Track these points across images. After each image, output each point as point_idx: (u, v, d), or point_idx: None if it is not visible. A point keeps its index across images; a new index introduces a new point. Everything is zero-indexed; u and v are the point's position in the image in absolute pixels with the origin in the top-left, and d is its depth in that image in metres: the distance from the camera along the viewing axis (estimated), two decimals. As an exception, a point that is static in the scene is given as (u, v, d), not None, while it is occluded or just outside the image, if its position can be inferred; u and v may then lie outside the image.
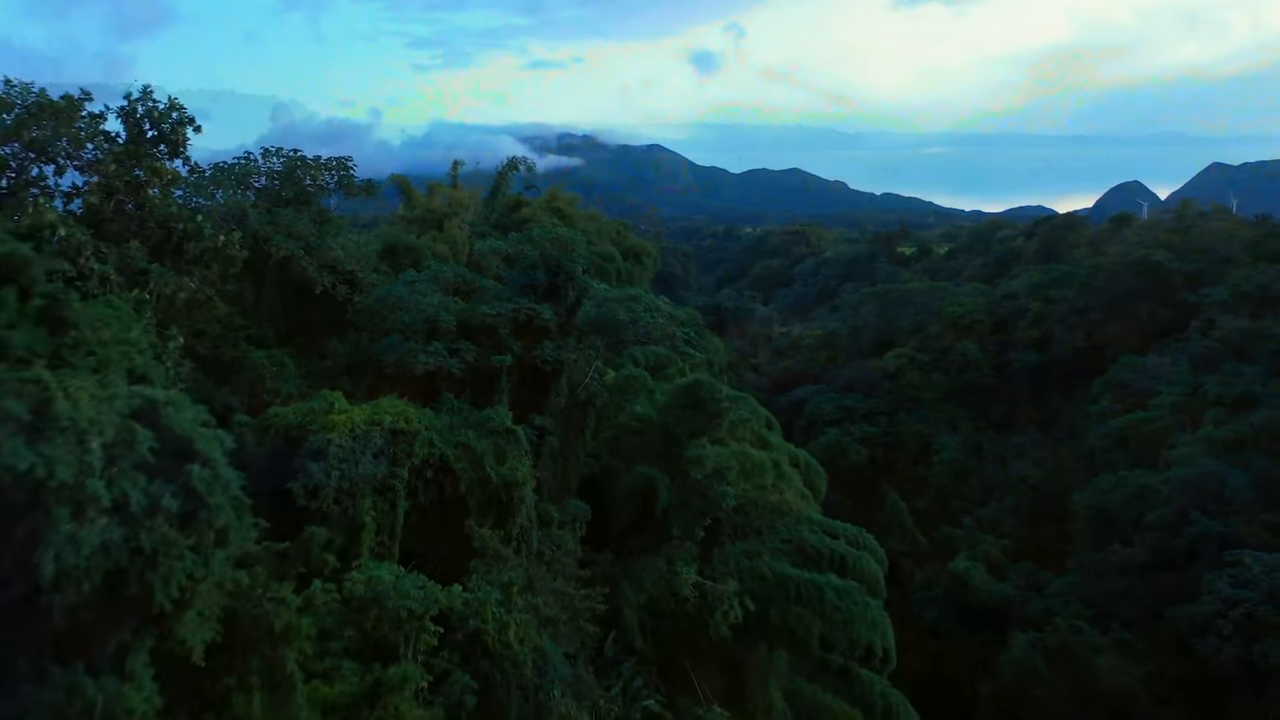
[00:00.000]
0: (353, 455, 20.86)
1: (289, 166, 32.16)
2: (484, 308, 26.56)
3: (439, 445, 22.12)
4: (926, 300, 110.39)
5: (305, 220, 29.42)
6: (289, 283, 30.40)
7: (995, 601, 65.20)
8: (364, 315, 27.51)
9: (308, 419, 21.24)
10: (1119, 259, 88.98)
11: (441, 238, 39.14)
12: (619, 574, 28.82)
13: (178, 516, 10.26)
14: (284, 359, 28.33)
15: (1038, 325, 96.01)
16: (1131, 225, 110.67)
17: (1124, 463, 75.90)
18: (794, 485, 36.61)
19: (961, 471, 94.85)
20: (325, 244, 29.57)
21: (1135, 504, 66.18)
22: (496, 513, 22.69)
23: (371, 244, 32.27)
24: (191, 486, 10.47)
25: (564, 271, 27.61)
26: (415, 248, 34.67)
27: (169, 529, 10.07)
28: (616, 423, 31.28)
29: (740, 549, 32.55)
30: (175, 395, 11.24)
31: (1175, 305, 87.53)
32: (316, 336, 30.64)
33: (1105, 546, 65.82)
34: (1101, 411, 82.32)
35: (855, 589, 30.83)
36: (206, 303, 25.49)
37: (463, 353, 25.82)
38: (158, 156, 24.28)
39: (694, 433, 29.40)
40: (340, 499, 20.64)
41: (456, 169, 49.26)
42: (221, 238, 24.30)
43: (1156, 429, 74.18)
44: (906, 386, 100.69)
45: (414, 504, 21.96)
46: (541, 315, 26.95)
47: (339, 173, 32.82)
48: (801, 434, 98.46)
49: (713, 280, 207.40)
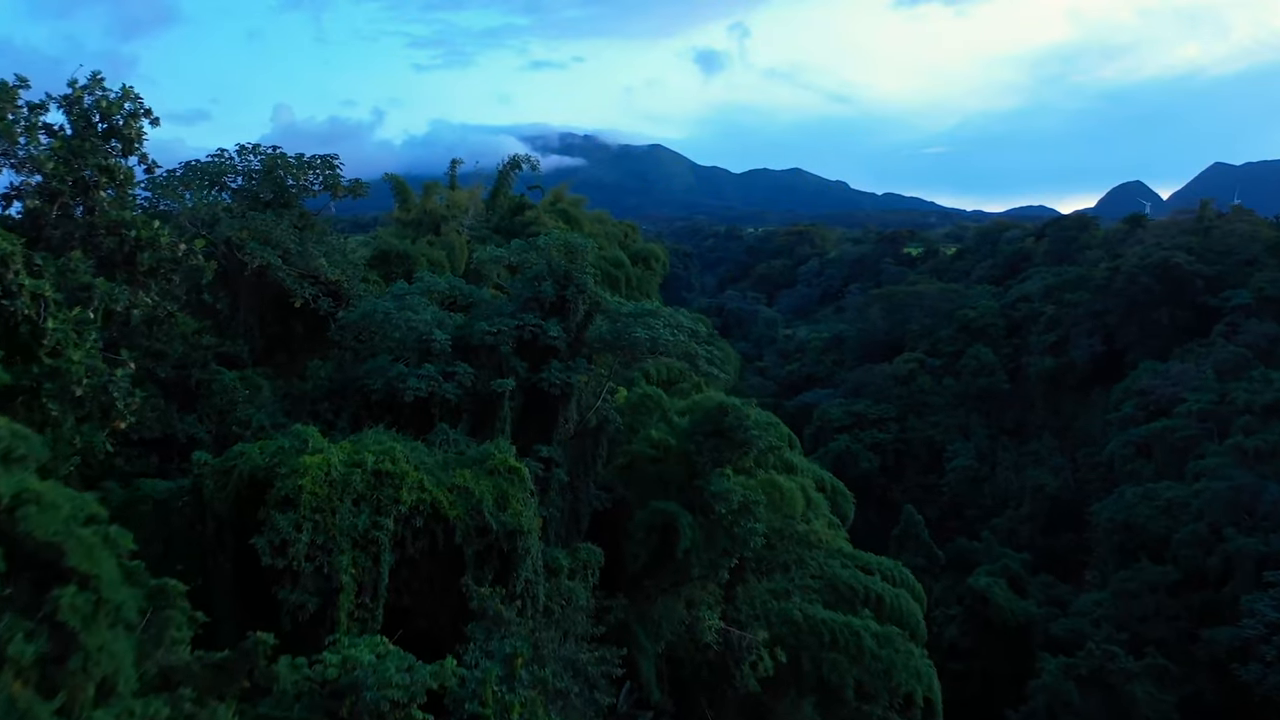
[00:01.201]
0: (328, 503, 17.59)
1: (269, 165, 28.86)
2: (483, 325, 23.25)
3: (430, 489, 18.83)
4: (936, 303, 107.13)
5: (284, 225, 26.11)
6: (267, 295, 27.13)
7: (1019, 620, 61.92)
8: (347, 333, 24.19)
9: (276, 460, 17.96)
10: (1137, 261, 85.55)
11: (438, 242, 35.81)
12: (634, 620, 25.55)
13: (35, 666, 7.04)
14: (259, 381, 25.05)
15: (1052, 329, 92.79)
16: (1146, 226, 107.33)
17: (1148, 473, 72.68)
18: (822, 513, 33.34)
19: (975, 479, 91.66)
20: (307, 251, 26.28)
21: (1164, 518, 63.00)
22: (498, 565, 19.41)
23: (359, 250, 28.96)
24: (59, 622, 7.26)
25: (573, 283, 24.31)
26: (408, 254, 31.32)
27: (20, 686, 6.84)
28: (630, 449, 27.99)
29: (767, 587, 29.29)
30: (41, 489, 7.93)
31: (1196, 309, 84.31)
32: (298, 354, 27.36)
33: (1133, 563, 62.72)
34: (1122, 419, 79.08)
35: (896, 635, 27.57)
36: (167, 320, 22.21)
37: (459, 376, 22.52)
38: (109, 153, 20.97)
39: (717, 461, 26.11)
40: (314, 555, 17.36)
41: (455, 168, 45.85)
42: (182, 246, 20.99)
43: (1182, 438, 70.96)
44: (917, 391, 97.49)
45: (401, 557, 18.68)
46: (548, 332, 23.65)
47: (324, 172, 29.50)
48: (810, 440, 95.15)
49: (715, 280, 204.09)
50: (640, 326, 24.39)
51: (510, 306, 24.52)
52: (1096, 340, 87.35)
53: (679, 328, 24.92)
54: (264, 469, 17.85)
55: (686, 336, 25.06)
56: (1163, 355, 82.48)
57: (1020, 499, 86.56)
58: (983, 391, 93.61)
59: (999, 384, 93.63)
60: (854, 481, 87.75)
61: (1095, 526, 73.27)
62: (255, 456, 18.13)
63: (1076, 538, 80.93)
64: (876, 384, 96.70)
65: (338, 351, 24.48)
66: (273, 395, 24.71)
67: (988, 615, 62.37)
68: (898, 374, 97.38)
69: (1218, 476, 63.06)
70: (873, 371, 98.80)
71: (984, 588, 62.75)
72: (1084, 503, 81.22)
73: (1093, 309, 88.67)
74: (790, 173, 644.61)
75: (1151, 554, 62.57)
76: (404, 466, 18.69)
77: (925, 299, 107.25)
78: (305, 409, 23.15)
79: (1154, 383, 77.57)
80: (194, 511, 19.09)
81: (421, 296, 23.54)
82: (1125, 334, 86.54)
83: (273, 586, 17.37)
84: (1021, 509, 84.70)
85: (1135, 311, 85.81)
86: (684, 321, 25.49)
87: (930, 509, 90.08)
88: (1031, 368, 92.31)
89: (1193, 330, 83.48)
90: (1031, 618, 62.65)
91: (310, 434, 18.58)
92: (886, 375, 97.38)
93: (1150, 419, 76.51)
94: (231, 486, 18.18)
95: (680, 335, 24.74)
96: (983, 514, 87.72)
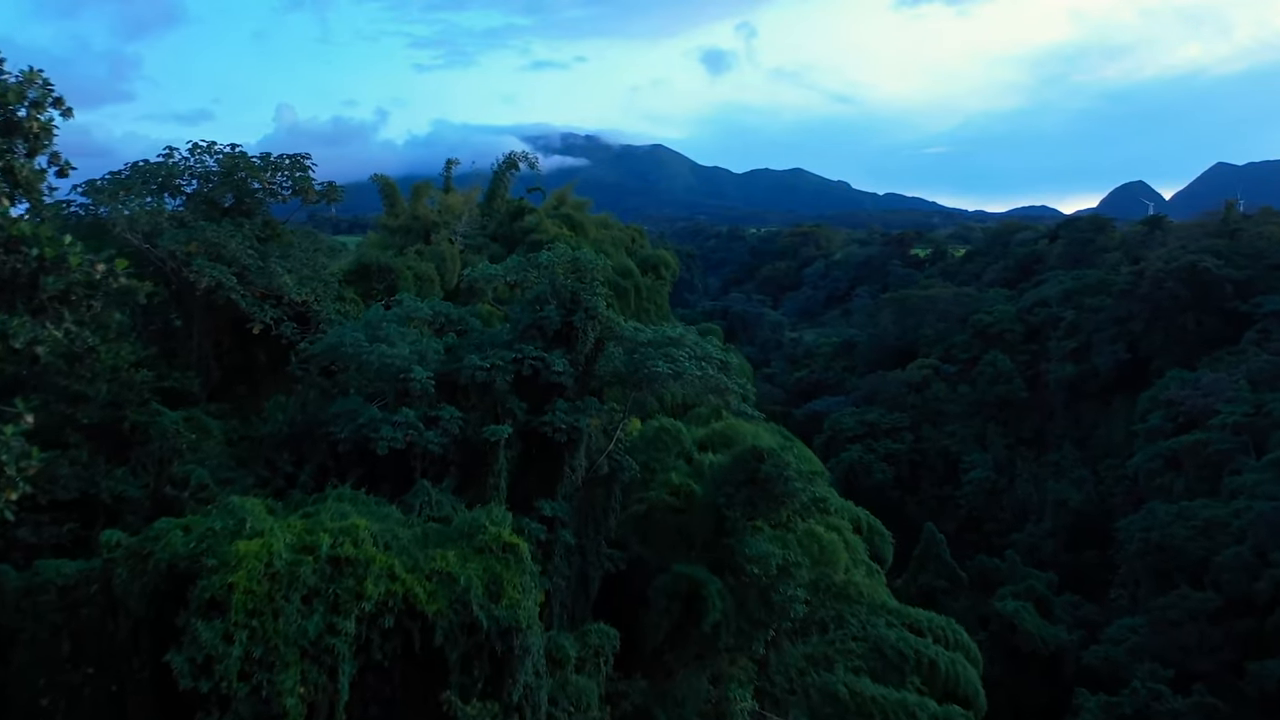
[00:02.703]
0: (269, 604, 13.48)
1: (227, 167, 24.68)
2: (474, 358, 19.08)
3: (403, 577, 14.71)
4: (949, 307, 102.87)
5: (241, 236, 21.94)
6: (223, 319, 23.01)
7: (1049, 648, 57.85)
8: (312, 368, 20.04)
9: (202, 547, 13.84)
10: (1162, 265, 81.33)
11: (428, 252, 31.55)
12: (653, 703, 21.40)
13: None
14: (207, 423, 20.88)
15: (1073, 335, 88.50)
16: (1165, 228, 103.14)
17: (1179, 488, 68.59)
18: (860, 558, 29.16)
19: (993, 491, 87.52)
20: (268, 267, 22.11)
21: (1202, 539, 58.92)
22: (489, 670, 15.29)
23: (329, 266, 24.78)
24: None
25: (582, 307, 20.15)
26: (391, 268, 27.07)
27: None
28: (646, 496, 23.85)
29: (804, 652, 25.11)
30: None
31: (1224, 315, 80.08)
32: (262, 386, 23.23)
33: (1169, 587, 58.70)
34: (1149, 430, 74.85)
35: (958, 715, 23.40)
36: (88, 355, 18.05)
37: (444, 423, 18.37)
38: (10, 153, 16.79)
39: (750, 515, 21.97)
40: (249, 673, 13.25)
41: (450, 169, 41.45)
42: (101, 266, 16.80)
43: (1216, 452, 66.83)
44: (931, 399, 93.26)
45: (366, 663, 14.58)
46: (552, 367, 19.50)
47: (294, 174, 25.32)
48: (821, 451, 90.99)
49: (718, 282, 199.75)
50: (661, 358, 20.23)
51: (507, 334, 20.35)
52: (1120, 347, 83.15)
53: (706, 358, 20.76)
54: (186, 559, 13.73)
55: (715, 369, 20.91)
56: (1190, 363, 78.32)
57: (1041, 512, 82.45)
58: (1000, 400, 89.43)
59: (1016, 392, 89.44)
60: (867, 494, 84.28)
61: (1122, 543, 69.28)
62: (177, 542, 14.00)
63: (1101, 554, 76.84)
64: (889, 392, 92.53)
65: (302, 388, 20.33)
66: (223, 440, 20.55)
67: (1015, 642, 58.36)
68: (911, 381, 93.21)
69: (1258, 495, 58.90)
70: (885, 379, 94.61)
71: (1011, 613, 58.71)
72: (1108, 517, 77.12)
73: (1115, 314, 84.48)
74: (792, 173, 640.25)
75: (1189, 577, 58.49)
76: (369, 550, 14.56)
77: (938, 303, 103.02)
78: (261, 459, 19.00)
79: (1183, 393, 73.34)
80: (104, 605, 15.03)
81: (399, 325, 19.37)
82: (1150, 341, 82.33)
83: (197, 713, 13.30)
84: (1043, 523, 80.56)
85: (1160, 317, 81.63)
86: (711, 351, 21.30)
87: (947, 522, 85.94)
88: (1051, 375, 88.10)
89: (1221, 338, 79.29)
90: (1063, 645, 58.64)
91: (249, 510, 14.42)
92: (899, 383, 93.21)
93: (1179, 431, 72.34)
94: (148, 578, 14.08)
95: (709, 368, 20.59)
96: (1001, 528, 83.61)
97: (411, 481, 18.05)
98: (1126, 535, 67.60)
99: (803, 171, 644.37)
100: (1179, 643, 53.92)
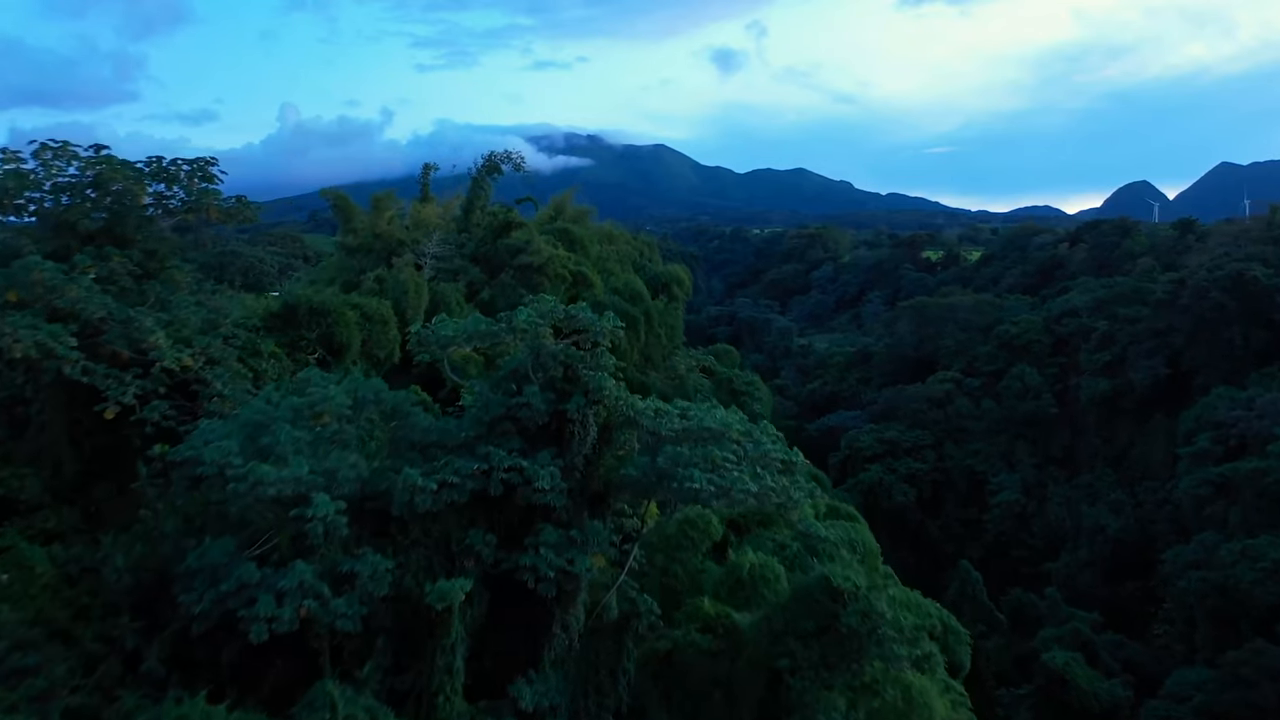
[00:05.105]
0: None
1: (100, 177, 17.70)
2: (412, 473, 12.16)
3: None
4: (969, 315, 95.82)
5: (87, 281, 15.02)
6: (82, 392, 16.08)
7: (1103, 704, 50.97)
8: (175, 482, 13.14)
9: None
10: (1205, 273, 74.29)
11: (388, 282, 24.37)
12: None
13: None
14: (28, 552, 14.00)
15: (1106, 347, 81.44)
16: (1197, 232, 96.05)
17: (1234, 520, 61.77)
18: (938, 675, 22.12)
19: (1022, 515, 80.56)
20: (133, 321, 15.18)
21: (1272, 583, 52.19)
22: None
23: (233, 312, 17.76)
24: None
25: (581, 387, 13.24)
26: (327, 309, 19.77)
27: None
28: (669, 634, 16.89)
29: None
30: None
31: (1275, 328, 73.10)
32: (127, 490, 16.23)
33: (1232, 634, 51.93)
34: (1196, 454, 67.76)
35: None
36: None
37: (364, 581, 11.46)
38: None
39: (820, 674, 15.03)
40: None
41: (428, 174, 34.23)
42: None
43: (1277, 482, 60.00)
44: (954, 415, 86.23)
45: None
46: (535, 482, 12.59)
47: (191, 185, 18.37)
48: (838, 471, 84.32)
49: (722, 284, 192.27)
50: (698, 464, 13.27)
51: (468, 429, 13.40)
52: (1159, 361, 76.12)
53: (763, 461, 13.81)
54: None
55: (775, 475, 13.95)
56: (1238, 380, 71.24)
57: (1076, 539, 75.44)
58: (1028, 416, 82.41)
59: (1045, 408, 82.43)
60: (888, 516, 77.17)
61: (1167, 577, 62.49)
62: None
63: (1142, 585, 70.12)
64: (909, 406, 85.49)
65: (155, 515, 13.42)
66: (53, 579, 13.65)
67: (1065, 698, 51.41)
68: (932, 395, 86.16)
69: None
70: (904, 393, 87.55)
71: (1061, 666, 51.69)
72: (1150, 546, 70.18)
73: (1153, 326, 77.45)
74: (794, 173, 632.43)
75: (1256, 624, 51.67)
76: None
77: (958, 311, 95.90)
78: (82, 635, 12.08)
79: (1234, 413, 66.21)
80: None
81: (297, 425, 12.40)
82: (1193, 355, 75.30)
83: None
84: (1079, 552, 73.54)
85: (1204, 329, 74.57)
86: (768, 446, 14.31)
87: (973, 547, 79.14)
88: (1083, 390, 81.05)
89: (1271, 352, 72.27)
90: (1118, 701, 51.71)
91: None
92: (919, 397, 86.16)
93: (1230, 455, 65.19)
94: None
95: (768, 475, 13.65)
96: (1032, 555, 76.70)
97: (305, 682, 11.13)
98: (1174, 568, 60.82)
99: (805, 171, 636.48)
100: (1254, 703, 46.98)
